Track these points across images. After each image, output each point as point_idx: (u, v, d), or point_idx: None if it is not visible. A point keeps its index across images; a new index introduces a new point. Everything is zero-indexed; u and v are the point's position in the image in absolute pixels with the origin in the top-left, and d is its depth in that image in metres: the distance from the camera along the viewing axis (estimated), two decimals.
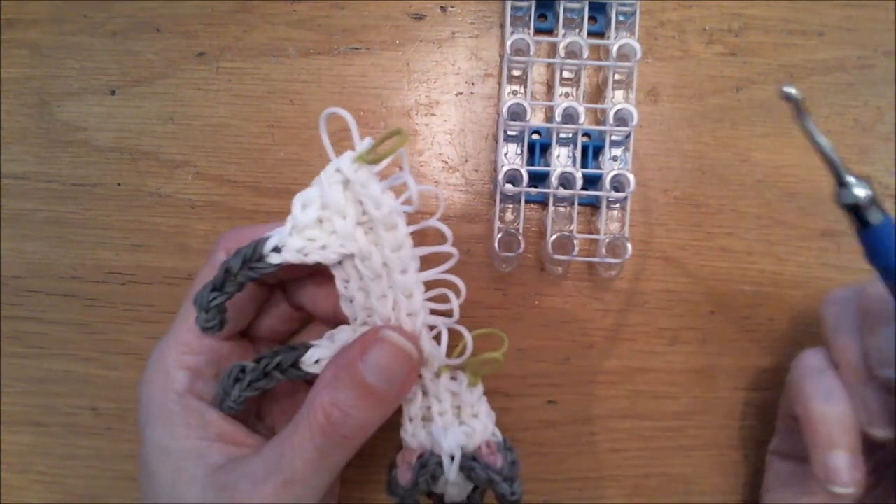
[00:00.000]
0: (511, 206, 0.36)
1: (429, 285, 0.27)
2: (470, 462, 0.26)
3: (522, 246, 0.34)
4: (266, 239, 0.25)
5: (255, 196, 0.36)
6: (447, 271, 0.26)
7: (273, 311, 0.30)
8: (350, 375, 0.24)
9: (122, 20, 0.37)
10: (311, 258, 0.25)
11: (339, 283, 0.26)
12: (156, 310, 0.36)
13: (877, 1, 0.37)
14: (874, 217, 0.24)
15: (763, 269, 0.36)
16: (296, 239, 0.25)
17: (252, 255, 0.25)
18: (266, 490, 0.24)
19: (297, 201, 0.25)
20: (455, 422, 0.27)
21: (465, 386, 0.27)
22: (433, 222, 0.26)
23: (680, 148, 0.37)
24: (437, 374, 0.27)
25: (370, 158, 0.24)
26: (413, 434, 0.27)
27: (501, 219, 0.35)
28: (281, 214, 0.36)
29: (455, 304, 0.27)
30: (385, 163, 0.25)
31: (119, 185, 0.36)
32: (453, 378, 0.28)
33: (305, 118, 0.36)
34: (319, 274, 0.29)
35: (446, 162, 0.36)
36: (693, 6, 0.37)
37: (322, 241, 0.25)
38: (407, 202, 0.25)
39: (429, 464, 0.26)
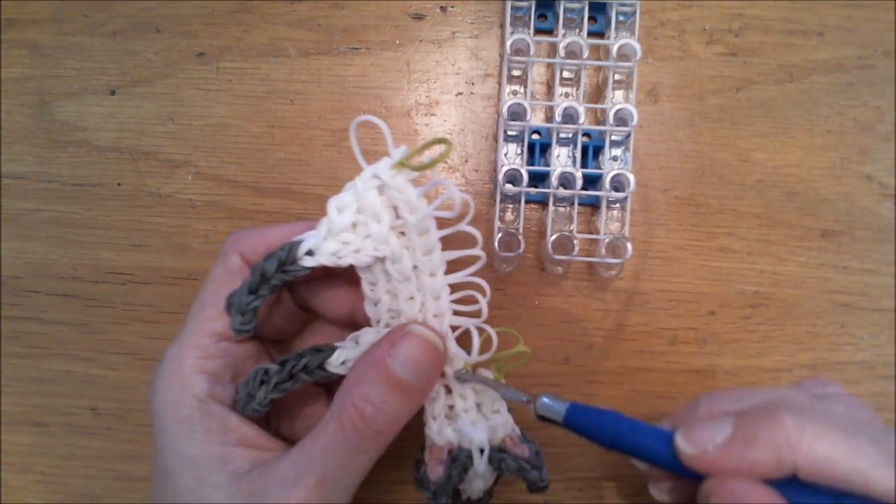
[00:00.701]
0: (511, 206, 0.36)
1: (453, 287, 0.28)
2: (499, 454, 0.27)
3: (522, 246, 0.34)
4: (299, 242, 0.26)
5: (255, 196, 0.36)
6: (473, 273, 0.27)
7: (280, 312, 0.30)
8: (379, 370, 0.25)
9: (122, 20, 0.37)
10: (345, 261, 0.26)
11: (365, 286, 0.27)
12: (156, 310, 0.36)
13: (877, 1, 0.37)
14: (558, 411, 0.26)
15: (763, 269, 0.36)
16: (331, 242, 0.26)
17: (287, 258, 0.25)
18: (298, 493, 0.24)
19: (333, 205, 0.26)
20: (480, 417, 0.28)
21: (490, 381, 0.28)
22: (464, 227, 0.27)
23: (680, 148, 0.37)
24: (463, 371, 0.28)
25: (413, 167, 0.25)
26: (439, 431, 0.28)
27: (501, 219, 0.35)
28: (281, 214, 0.36)
29: (483, 303, 0.28)
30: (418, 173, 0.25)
31: (119, 185, 0.36)
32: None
33: (305, 118, 0.36)
34: (331, 275, 0.29)
35: (446, 162, 0.36)
36: (693, 6, 0.37)
37: (356, 245, 0.26)
38: (445, 207, 0.25)
39: (459, 458, 0.27)
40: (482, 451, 0.27)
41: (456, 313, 0.28)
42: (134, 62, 0.37)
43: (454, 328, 0.28)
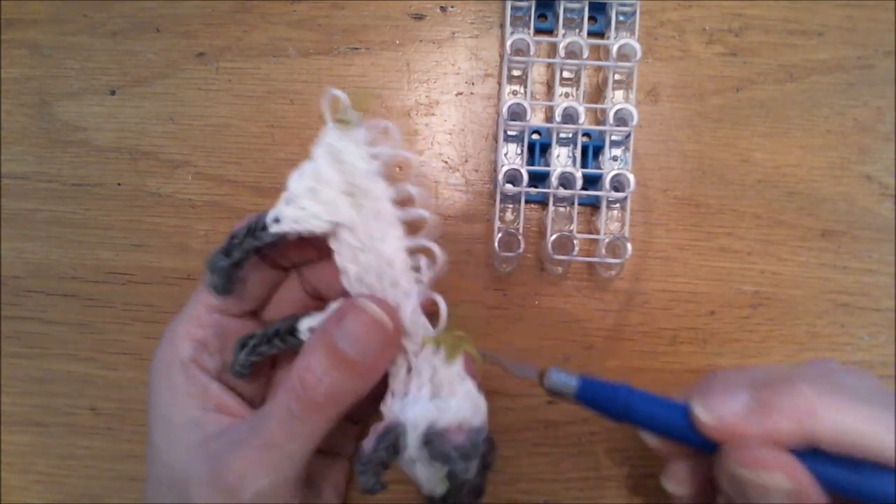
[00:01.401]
0: (511, 206, 0.36)
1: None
2: (431, 436, 0.26)
3: (522, 246, 0.34)
4: (266, 212, 0.27)
5: (255, 196, 0.36)
6: (428, 237, 0.27)
7: (287, 297, 0.31)
8: (324, 341, 0.25)
9: (122, 20, 0.37)
10: (304, 226, 0.26)
11: (336, 257, 0.27)
12: (156, 310, 0.36)
13: (877, 1, 0.37)
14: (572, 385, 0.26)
15: (763, 269, 0.36)
16: (291, 209, 0.26)
17: (256, 225, 0.27)
18: (245, 453, 0.25)
19: (294, 173, 0.27)
20: (426, 397, 0.27)
21: (443, 359, 0.27)
22: (408, 187, 0.27)
23: (680, 148, 0.37)
24: (421, 346, 0.27)
25: (351, 120, 0.26)
26: (387, 406, 0.27)
27: (501, 219, 0.35)
28: None
29: (424, 267, 0.27)
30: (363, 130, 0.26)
31: (119, 185, 0.36)
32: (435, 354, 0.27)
33: (305, 118, 0.36)
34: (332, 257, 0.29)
35: (446, 162, 0.36)
36: (693, 6, 0.37)
37: (313, 210, 0.26)
38: (398, 163, 0.26)
39: (391, 433, 0.26)
40: (415, 430, 0.26)
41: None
42: (134, 62, 0.37)
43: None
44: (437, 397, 0.27)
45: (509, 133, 0.36)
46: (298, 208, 0.26)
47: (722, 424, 0.24)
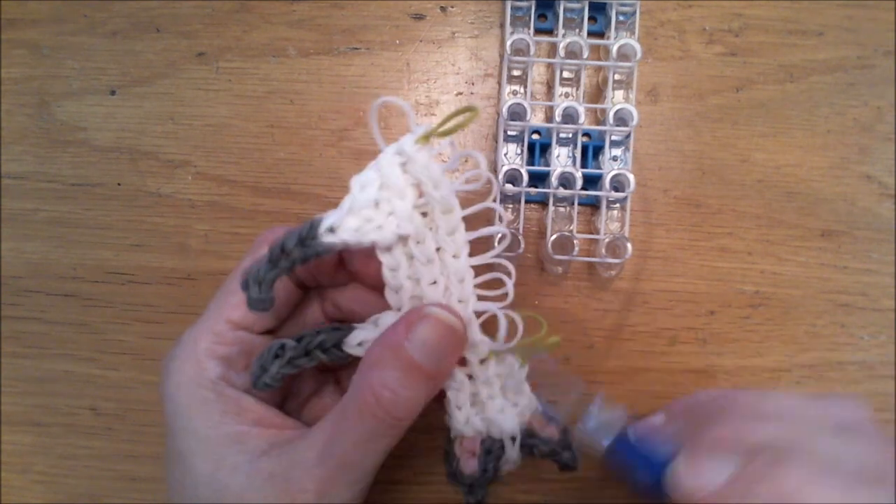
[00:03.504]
0: (511, 206, 0.36)
1: (477, 271, 0.27)
2: (529, 440, 0.27)
3: (522, 246, 0.34)
4: (321, 219, 0.25)
5: (255, 196, 0.36)
6: (499, 255, 0.27)
7: (304, 320, 0.30)
8: (396, 354, 0.24)
9: (122, 20, 0.37)
10: (367, 238, 0.25)
11: (386, 272, 0.26)
12: (156, 310, 0.36)
13: (877, 1, 0.37)
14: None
15: (763, 269, 0.36)
16: (353, 219, 0.25)
17: (307, 234, 0.24)
18: (320, 475, 0.24)
19: (356, 182, 0.25)
20: (507, 403, 0.27)
21: (517, 368, 0.27)
22: (490, 204, 0.26)
23: (680, 148, 0.37)
24: (484, 360, 0.27)
25: (438, 133, 0.24)
26: (467, 422, 0.27)
27: (501, 219, 0.35)
28: (281, 214, 0.36)
29: (510, 286, 0.27)
30: (447, 142, 0.25)
31: (119, 185, 0.36)
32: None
33: (305, 118, 0.36)
34: (358, 284, 0.29)
35: (446, 162, 0.36)
36: (693, 6, 0.37)
37: (378, 222, 0.25)
38: (472, 181, 0.25)
39: (493, 449, 0.27)
40: (514, 439, 0.27)
41: (480, 298, 0.27)
42: (134, 62, 0.37)
43: (479, 314, 0.27)
44: (511, 401, 0.27)
45: (509, 133, 0.36)
46: (363, 219, 0.25)
47: (702, 491, 0.24)
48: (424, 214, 0.26)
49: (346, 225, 0.24)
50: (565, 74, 0.36)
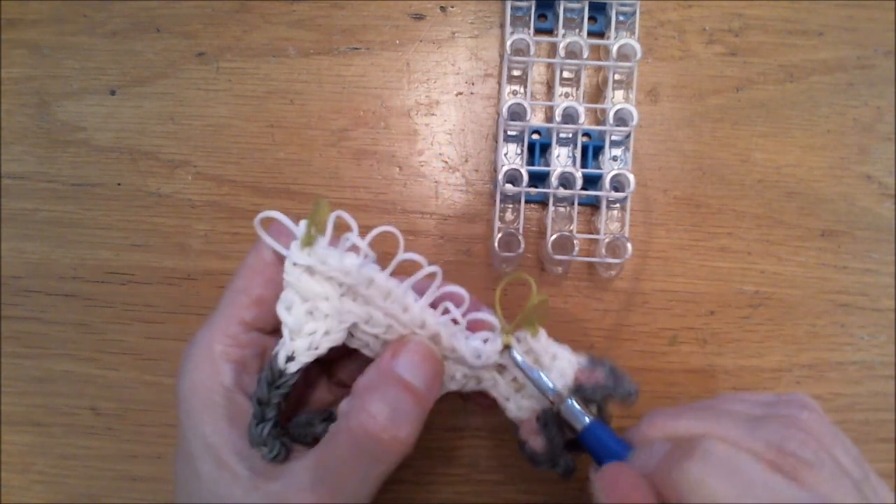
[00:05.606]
0: (511, 206, 0.36)
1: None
2: (580, 392, 0.28)
3: (522, 246, 0.34)
4: (275, 356, 0.26)
5: (255, 196, 0.36)
6: (441, 284, 0.27)
7: (320, 396, 0.30)
8: (387, 376, 0.25)
9: (122, 20, 0.37)
10: (323, 348, 0.26)
11: (364, 352, 0.27)
12: (156, 310, 0.36)
13: (877, 1, 0.38)
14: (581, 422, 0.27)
15: (763, 269, 0.36)
16: (300, 341, 0.26)
17: (272, 376, 0.26)
18: (315, 498, 0.24)
19: (280, 308, 0.26)
20: (544, 373, 0.28)
21: (532, 339, 0.28)
22: (404, 256, 0.26)
23: (680, 148, 0.37)
24: (503, 350, 0.28)
25: (315, 235, 0.25)
26: (519, 408, 0.29)
27: (501, 219, 0.35)
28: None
29: (457, 314, 0.28)
30: (328, 234, 0.25)
31: (119, 185, 0.36)
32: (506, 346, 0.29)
33: (305, 118, 0.36)
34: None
35: (446, 162, 0.36)
36: (693, 6, 0.37)
37: (323, 328, 0.26)
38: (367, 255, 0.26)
39: (548, 420, 0.28)
40: (566, 401, 0.27)
41: (446, 311, 0.28)
42: (134, 62, 0.37)
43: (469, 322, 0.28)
44: (547, 368, 0.28)
45: (509, 133, 0.36)
46: (308, 336, 0.26)
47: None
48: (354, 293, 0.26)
49: (298, 349, 0.25)
50: (565, 74, 0.36)
